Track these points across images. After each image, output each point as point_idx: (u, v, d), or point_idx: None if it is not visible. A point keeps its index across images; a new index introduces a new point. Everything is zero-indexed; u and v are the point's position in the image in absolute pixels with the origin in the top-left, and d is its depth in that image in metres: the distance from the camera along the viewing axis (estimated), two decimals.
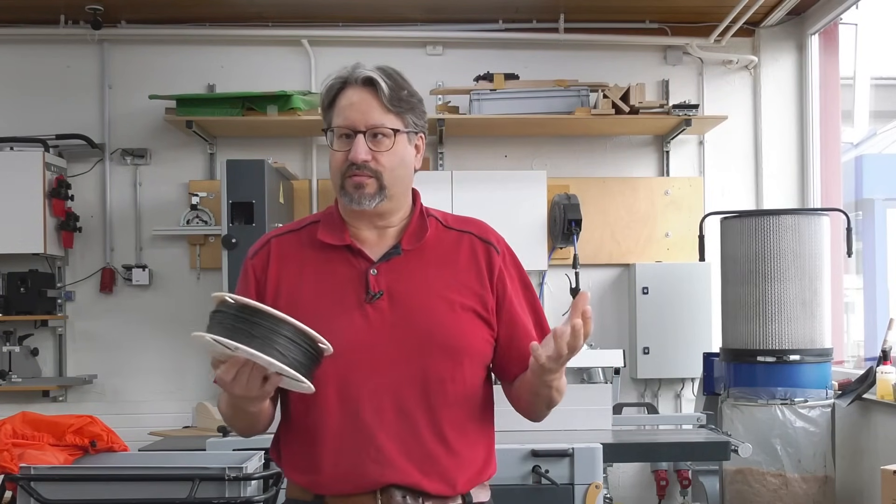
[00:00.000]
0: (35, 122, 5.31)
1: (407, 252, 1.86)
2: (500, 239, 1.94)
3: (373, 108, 1.82)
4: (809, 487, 4.44)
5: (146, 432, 4.67)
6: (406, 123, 1.85)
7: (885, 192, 5.61)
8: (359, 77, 1.84)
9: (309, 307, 1.80)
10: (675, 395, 5.52)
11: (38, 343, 5.34)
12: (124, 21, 5.37)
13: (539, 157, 5.51)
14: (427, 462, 1.78)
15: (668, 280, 5.35)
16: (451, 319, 1.82)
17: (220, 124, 5.18)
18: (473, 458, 1.85)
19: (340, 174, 1.84)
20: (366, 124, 1.81)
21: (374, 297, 1.81)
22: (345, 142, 1.83)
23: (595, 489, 3.11)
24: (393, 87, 1.83)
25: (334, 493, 1.80)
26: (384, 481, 1.77)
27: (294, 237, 1.92)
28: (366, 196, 1.82)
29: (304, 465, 1.83)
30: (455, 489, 1.82)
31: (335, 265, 1.85)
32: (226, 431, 3.61)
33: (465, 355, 1.83)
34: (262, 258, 1.91)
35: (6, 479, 2.96)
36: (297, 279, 1.86)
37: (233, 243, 4.56)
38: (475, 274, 1.87)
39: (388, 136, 1.82)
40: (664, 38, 5.50)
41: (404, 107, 1.84)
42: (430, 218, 1.92)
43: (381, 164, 1.81)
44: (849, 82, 5.60)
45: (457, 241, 1.90)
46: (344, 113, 1.83)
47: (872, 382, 4.38)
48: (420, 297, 1.82)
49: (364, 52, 5.39)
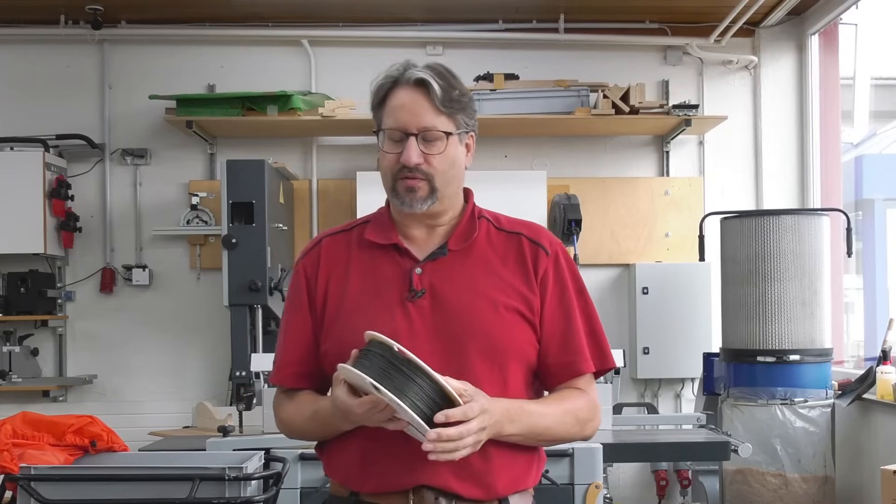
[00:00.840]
0: (35, 122, 5.31)
1: (453, 252, 1.85)
2: (553, 242, 1.91)
3: (425, 110, 1.79)
4: (809, 487, 4.44)
5: (146, 432, 4.67)
6: (458, 124, 1.82)
7: (885, 192, 5.61)
8: (410, 78, 1.80)
9: (353, 304, 1.81)
10: (675, 395, 5.52)
11: (38, 343, 5.34)
12: (124, 21, 5.38)
13: (539, 157, 5.51)
14: (460, 465, 1.74)
15: (668, 280, 5.35)
16: (494, 320, 1.80)
17: (220, 124, 5.19)
18: (512, 464, 1.81)
19: (392, 176, 1.82)
20: (418, 126, 1.79)
21: (417, 296, 1.80)
22: (396, 144, 1.81)
23: (595, 489, 3.11)
24: (445, 87, 1.80)
25: (368, 490, 1.80)
26: (416, 482, 1.76)
27: (344, 237, 1.93)
28: (417, 199, 1.81)
29: (342, 462, 1.84)
30: (490, 494, 1.79)
31: (381, 264, 1.85)
32: (226, 431, 3.61)
33: (506, 357, 1.80)
34: (313, 258, 1.91)
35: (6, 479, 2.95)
36: (344, 278, 1.86)
37: (233, 243, 4.56)
38: (522, 276, 1.85)
39: (440, 139, 1.80)
40: (664, 38, 5.50)
41: (455, 107, 1.82)
42: (482, 219, 1.91)
43: (432, 167, 1.80)
44: (849, 82, 5.60)
45: (506, 242, 1.89)
46: (395, 114, 1.80)
47: (872, 382, 4.38)
48: (463, 297, 1.80)
49: (364, 52, 5.40)
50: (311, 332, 1.88)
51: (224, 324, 5.00)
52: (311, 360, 1.88)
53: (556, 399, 1.85)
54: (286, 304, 1.95)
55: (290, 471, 3.09)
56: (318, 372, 1.88)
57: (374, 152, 6.52)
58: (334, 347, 1.80)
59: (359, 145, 5.44)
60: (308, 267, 1.91)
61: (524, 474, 1.85)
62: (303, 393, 1.90)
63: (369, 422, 1.68)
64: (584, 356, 1.86)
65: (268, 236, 4.61)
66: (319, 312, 1.87)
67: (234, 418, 4.22)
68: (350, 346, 1.69)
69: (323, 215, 5.41)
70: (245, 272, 4.55)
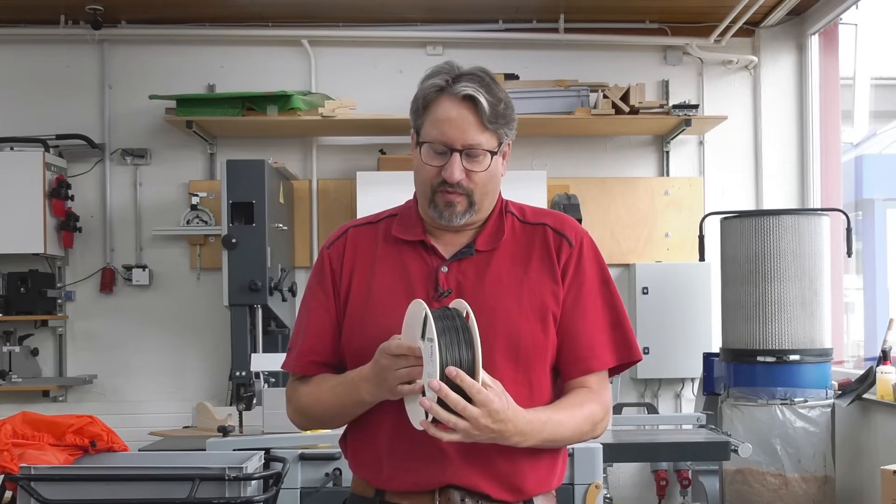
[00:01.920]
0: (35, 122, 5.31)
1: (480, 252, 1.83)
2: (578, 232, 1.88)
3: (471, 126, 1.76)
4: (809, 487, 4.44)
5: (146, 432, 4.67)
6: (500, 139, 1.81)
7: (885, 192, 5.61)
8: (459, 93, 1.77)
9: (379, 301, 1.80)
10: (675, 395, 5.52)
11: (38, 343, 5.34)
12: (124, 21, 5.38)
13: (539, 157, 5.51)
14: (487, 465, 1.74)
15: (668, 280, 5.35)
16: (520, 321, 1.78)
17: (220, 124, 5.19)
18: (537, 465, 1.80)
19: (431, 188, 1.80)
20: (463, 143, 1.76)
21: (443, 295, 1.78)
22: (438, 157, 1.78)
23: (595, 489, 3.11)
24: (492, 102, 1.77)
25: (393, 489, 1.79)
26: (443, 481, 1.75)
27: (371, 229, 1.91)
28: (456, 214, 1.79)
29: (367, 460, 1.83)
30: (517, 495, 1.78)
31: (407, 260, 1.84)
32: (226, 431, 3.61)
33: (531, 358, 1.78)
34: (339, 248, 1.89)
35: (6, 479, 2.95)
36: (369, 272, 1.85)
37: (233, 243, 4.56)
38: (548, 268, 1.83)
39: (484, 156, 1.78)
40: (664, 38, 5.50)
41: (501, 122, 1.80)
42: (508, 215, 1.89)
43: (473, 183, 1.78)
44: (849, 82, 5.60)
45: (531, 234, 1.87)
46: (441, 127, 1.77)
47: (872, 382, 4.38)
48: (488, 297, 1.78)
49: (364, 52, 5.40)
50: (335, 322, 1.86)
51: (224, 324, 5.00)
52: (332, 350, 1.86)
53: (574, 405, 1.81)
54: (307, 290, 1.92)
55: (290, 471, 3.10)
56: (338, 363, 1.86)
57: (374, 152, 6.48)
58: (358, 342, 1.78)
59: (359, 145, 5.44)
60: (333, 256, 1.89)
61: (549, 475, 1.84)
62: (320, 375, 1.87)
63: (392, 375, 1.65)
64: (595, 354, 1.83)
65: (268, 236, 4.61)
66: (343, 303, 1.85)
67: (234, 418, 4.22)
68: (375, 343, 1.69)
69: (323, 215, 5.41)
70: (245, 272, 4.55)
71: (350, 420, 1.85)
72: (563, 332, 1.82)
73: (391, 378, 1.66)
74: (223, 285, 4.61)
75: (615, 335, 1.85)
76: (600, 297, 1.86)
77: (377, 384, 1.70)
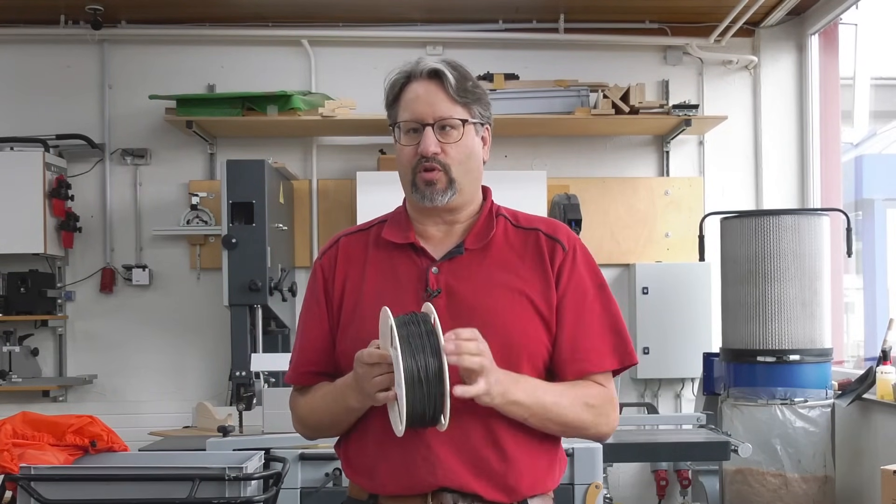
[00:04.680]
0: (35, 122, 5.31)
1: (470, 251, 1.84)
2: (571, 238, 1.89)
3: (440, 100, 1.80)
4: (809, 487, 4.44)
5: (146, 432, 4.67)
6: (473, 114, 1.84)
7: (885, 192, 5.61)
8: (424, 69, 1.81)
9: (369, 304, 1.80)
10: (675, 395, 5.52)
11: (38, 343, 5.34)
12: (124, 21, 5.38)
13: (539, 157, 5.51)
14: (480, 466, 1.74)
15: (668, 280, 5.35)
16: (509, 320, 1.78)
17: (220, 124, 5.19)
18: (532, 466, 1.80)
19: (411, 169, 1.82)
20: (434, 116, 1.80)
21: (433, 295, 1.79)
22: (412, 136, 1.81)
23: (595, 489, 3.11)
24: (458, 77, 1.82)
25: (387, 493, 1.79)
26: (436, 484, 1.75)
27: (362, 237, 1.92)
28: (437, 192, 1.80)
29: (360, 465, 1.83)
30: (511, 495, 1.77)
31: (398, 263, 1.85)
32: (226, 431, 3.62)
33: (522, 357, 1.78)
34: (331, 258, 1.91)
35: (6, 479, 2.95)
36: (360, 278, 1.86)
37: (233, 243, 4.56)
38: (540, 272, 1.83)
39: (456, 128, 1.81)
40: (664, 39, 5.50)
41: (470, 97, 1.83)
42: (500, 217, 1.89)
43: (449, 157, 1.80)
44: (849, 82, 5.60)
45: (524, 239, 1.87)
46: (410, 107, 1.81)
47: (872, 382, 4.38)
48: (478, 297, 1.79)
49: (364, 52, 5.40)
50: (328, 332, 1.88)
51: (224, 324, 5.00)
52: (328, 360, 1.88)
53: (570, 385, 1.82)
54: (304, 304, 1.95)
55: (290, 471, 3.10)
56: (334, 372, 1.87)
57: (374, 152, 6.50)
58: (350, 347, 1.79)
59: (359, 145, 5.44)
60: (325, 267, 1.91)
61: (545, 476, 1.84)
62: (318, 384, 1.89)
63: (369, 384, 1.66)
64: (592, 357, 1.83)
65: (268, 236, 4.61)
66: (336, 312, 1.87)
67: (234, 418, 4.22)
68: (366, 346, 1.69)
69: (323, 215, 5.41)
70: (245, 272, 4.55)
71: (345, 427, 1.86)
72: (563, 336, 1.82)
73: (368, 386, 1.67)
74: (223, 285, 4.61)
75: (613, 339, 1.86)
76: (598, 302, 1.87)
77: (359, 391, 1.72)
